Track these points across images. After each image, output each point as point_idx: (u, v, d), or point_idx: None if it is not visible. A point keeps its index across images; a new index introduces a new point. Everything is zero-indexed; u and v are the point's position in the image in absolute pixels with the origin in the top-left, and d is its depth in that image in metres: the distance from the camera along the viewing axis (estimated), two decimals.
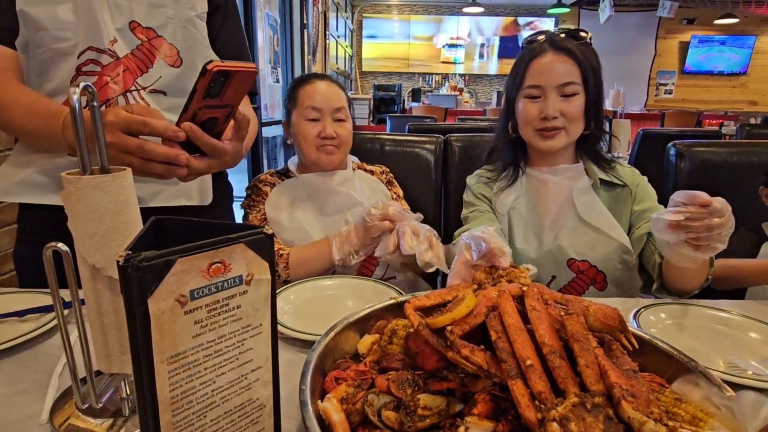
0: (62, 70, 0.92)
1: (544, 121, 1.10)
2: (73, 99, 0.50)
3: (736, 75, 9.32)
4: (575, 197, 1.14)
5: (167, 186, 1.01)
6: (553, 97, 1.10)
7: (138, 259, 0.37)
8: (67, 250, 0.52)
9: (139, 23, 0.96)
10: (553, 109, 1.09)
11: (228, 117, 0.74)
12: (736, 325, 0.86)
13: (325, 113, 1.26)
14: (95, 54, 0.93)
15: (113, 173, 0.53)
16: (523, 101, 1.14)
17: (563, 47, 1.11)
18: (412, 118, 4.63)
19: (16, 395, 0.65)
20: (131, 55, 0.96)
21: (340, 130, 1.27)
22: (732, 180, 1.38)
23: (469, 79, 9.76)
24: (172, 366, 0.40)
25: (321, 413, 0.50)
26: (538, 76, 1.11)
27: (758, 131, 3.08)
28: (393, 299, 0.73)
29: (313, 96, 1.26)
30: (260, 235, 0.44)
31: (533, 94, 1.12)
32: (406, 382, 0.53)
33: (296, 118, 1.28)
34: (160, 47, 0.98)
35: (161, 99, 0.99)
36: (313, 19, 5.61)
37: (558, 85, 1.09)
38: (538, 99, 1.11)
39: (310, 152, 1.27)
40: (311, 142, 1.26)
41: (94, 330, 0.55)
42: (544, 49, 1.12)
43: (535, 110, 1.11)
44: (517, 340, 0.50)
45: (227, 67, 0.64)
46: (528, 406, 0.45)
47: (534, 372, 0.47)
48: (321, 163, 1.27)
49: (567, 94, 1.10)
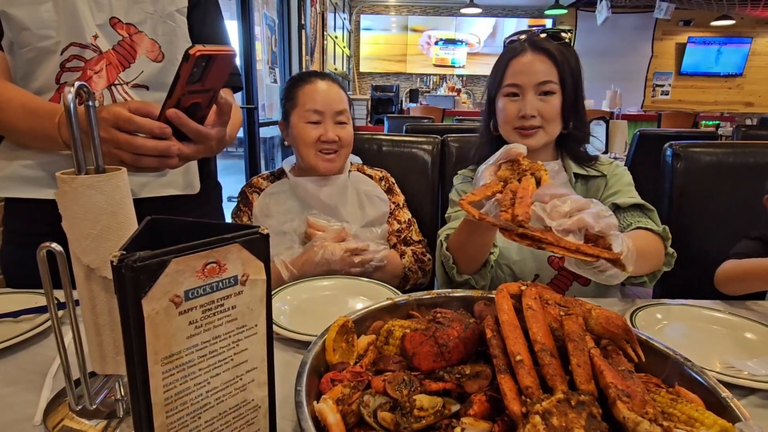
0: (47, 68, 0.93)
1: (522, 119, 1.12)
2: (68, 98, 0.50)
3: (733, 76, 9.36)
4: None
5: (154, 177, 1.02)
6: (530, 96, 1.11)
7: (132, 259, 0.37)
8: (61, 251, 0.51)
9: (119, 19, 0.96)
10: (531, 107, 1.10)
11: (210, 102, 0.76)
12: (733, 326, 0.86)
13: (326, 116, 1.22)
14: (78, 49, 0.93)
15: (108, 173, 0.53)
16: (503, 100, 1.15)
17: (542, 47, 1.12)
18: (409, 118, 4.63)
19: (9, 396, 0.65)
20: (113, 51, 0.96)
21: (342, 132, 1.24)
22: (728, 181, 1.38)
23: (466, 79, 9.77)
24: (166, 367, 0.40)
25: (317, 414, 0.49)
26: (517, 75, 1.12)
27: (754, 132, 3.09)
28: (389, 300, 0.73)
29: (314, 97, 1.22)
30: (256, 236, 0.44)
31: (512, 92, 1.13)
32: (402, 383, 0.53)
33: (296, 120, 1.24)
34: (141, 42, 0.98)
35: (144, 93, 0.99)
36: (311, 20, 5.61)
37: (536, 84, 1.11)
38: (517, 98, 1.13)
39: (308, 156, 1.23)
40: (311, 146, 1.22)
41: (89, 331, 0.55)
42: (524, 48, 1.13)
43: (514, 109, 1.13)
44: (509, 336, 0.51)
45: (209, 51, 0.66)
46: (514, 399, 0.46)
47: (523, 367, 0.48)
48: (319, 168, 1.23)
49: (544, 92, 1.11)
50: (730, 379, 0.67)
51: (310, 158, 1.23)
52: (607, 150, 3.78)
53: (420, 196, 1.47)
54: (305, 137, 1.22)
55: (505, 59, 1.15)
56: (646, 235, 1.01)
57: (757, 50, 9.19)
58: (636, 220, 1.05)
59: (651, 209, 1.09)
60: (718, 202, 1.38)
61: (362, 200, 1.29)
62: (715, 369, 0.71)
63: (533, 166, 0.79)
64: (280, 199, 1.26)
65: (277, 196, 1.27)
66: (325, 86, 1.24)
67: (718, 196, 1.38)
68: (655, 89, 9.51)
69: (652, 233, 1.01)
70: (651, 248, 0.99)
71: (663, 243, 1.02)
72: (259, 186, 1.30)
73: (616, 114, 6.17)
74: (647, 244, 0.99)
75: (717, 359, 0.76)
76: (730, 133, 4.09)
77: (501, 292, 0.57)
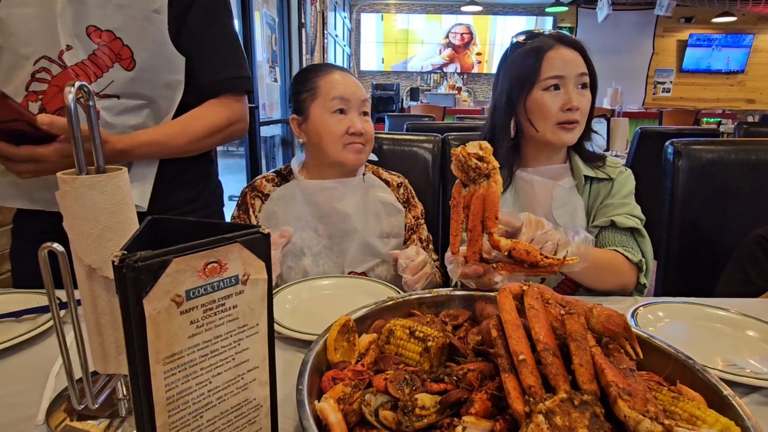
0: (21, 74, 0.93)
1: (568, 112, 1.08)
2: (69, 98, 0.50)
3: (734, 73, 9.34)
4: (554, 195, 1.14)
5: None
6: (572, 88, 1.09)
7: (133, 259, 0.37)
8: (62, 251, 0.51)
9: (96, 26, 0.94)
10: (576, 98, 1.08)
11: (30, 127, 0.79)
12: (735, 324, 0.86)
13: (352, 105, 1.12)
14: (47, 63, 0.93)
15: (109, 173, 0.53)
16: (541, 94, 1.10)
17: (571, 42, 1.11)
18: (410, 117, 4.63)
19: (12, 396, 0.65)
20: (87, 61, 0.94)
21: (366, 126, 1.14)
22: (730, 178, 1.38)
23: (467, 78, 9.76)
24: (168, 366, 0.40)
25: (318, 413, 0.49)
26: (558, 67, 1.08)
27: (756, 129, 3.09)
28: (390, 299, 0.73)
29: (338, 86, 1.12)
30: (257, 235, 0.44)
31: (554, 83, 1.09)
32: (404, 382, 0.53)
33: (317, 111, 1.12)
34: (117, 51, 0.96)
35: (114, 103, 0.97)
36: (311, 19, 5.61)
37: (578, 74, 1.09)
38: (558, 91, 1.09)
39: (336, 151, 1.12)
40: (338, 139, 1.11)
41: (91, 330, 0.55)
42: (553, 43, 1.10)
43: (556, 102, 1.08)
44: (512, 335, 0.51)
45: None
46: (517, 399, 0.46)
47: (526, 366, 0.48)
48: (348, 162, 1.13)
49: (583, 84, 1.10)
50: (732, 377, 0.67)
51: (337, 153, 1.12)
52: (609, 148, 3.77)
53: (420, 196, 1.46)
54: (331, 129, 1.11)
55: (536, 54, 1.10)
56: (615, 257, 1.03)
57: (758, 47, 9.16)
58: (620, 242, 1.06)
59: (644, 236, 1.09)
60: (720, 199, 1.38)
61: (378, 210, 1.19)
62: (717, 367, 0.71)
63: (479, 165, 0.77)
64: (288, 204, 1.16)
65: (284, 202, 1.17)
66: (345, 76, 1.16)
67: (720, 194, 1.38)
68: (656, 87, 9.49)
69: (626, 260, 1.02)
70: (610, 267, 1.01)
71: (636, 272, 1.03)
72: (262, 189, 1.20)
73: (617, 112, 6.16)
74: (610, 262, 1.01)
75: (719, 357, 0.75)
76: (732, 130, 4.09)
77: (503, 291, 0.58)
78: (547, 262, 0.73)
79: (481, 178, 0.76)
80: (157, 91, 1.00)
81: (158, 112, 1.02)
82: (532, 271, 0.75)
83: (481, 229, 0.77)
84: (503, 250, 0.74)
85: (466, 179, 0.78)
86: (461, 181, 0.78)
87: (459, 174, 0.78)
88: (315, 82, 1.15)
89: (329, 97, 1.12)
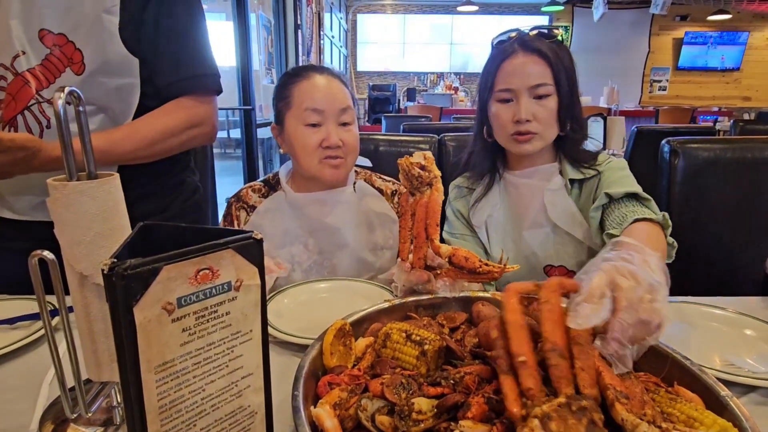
0: None
1: (518, 124, 1.05)
2: (59, 104, 0.50)
3: (730, 71, 9.36)
4: (546, 199, 1.11)
5: None
6: (525, 100, 1.04)
7: (123, 267, 0.36)
8: (53, 259, 0.51)
9: (49, 30, 0.91)
10: (525, 112, 1.04)
11: None
12: (732, 323, 0.86)
13: (327, 116, 1.04)
14: (2, 70, 0.91)
15: (100, 179, 0.53)
16: (496, 105, 1.09)
17: (534, 47, 1.05)
18: (407, 117, 4.62)
19: (5, 404, 0.64)
20: (39, 66, 0.92)
21: (346, 136, 1.06)
22: (726, 176, 1.38)
23: (464, 78, 9.76)
24: (159, 375, 0.40)
25: (314, 419, 0.49)
26: (509, 79, 1.06)
27: (752, 127, 3.10)
28: (387, 302, 0.73)
29: (312, 95, 1.04)
30: (249, 241, 0.43)
31: (505, 97, 1.07)
32: (401, 386, 0.53)
33: (292, 123, 1.06)
34: (70, 55, 0.93)
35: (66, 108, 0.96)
36: (307, 20, 5.60)
37: (530, 87, 1.04)
38: (511, 102, 1.07)
39: (310, 165, 1.06)
40: (312, 153, 1.05)
41: (83, 338, 0.54)
42: (514, 49, 1.06)
43: (508, 114, 1.06)
44: (514, 336, 0.50)
45: None
46: (515, 401, 0.45)
47: (525, 369, 0.47)
48: (324, 178, 1.07)
49: (539, 95, 1.05)
50: (729, 376, 0.67)
51: (313, 167, 1.06)
52: (605, 147, 3.78)
53: None
54: (304, 143, 1.05)
55: (495, 62, 1.08)
56: (647, 228, 0.90)
57: (754, 44, 9.19)
58: (631, 211, 0.95)
59: (647, 198, 1.00)
60: (716, 197, 1.38)
61: (371, 221, 1.14)
62: (714, 366, 0.70)
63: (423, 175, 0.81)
64: (276, 218, 1.11)
65: (272, 215, 1.11)
66: (325, 81, 1.07)
67: (716, 192, 1.38)
68: (652, 85, 9.52)
69: (652, 222, 0.91)
70: (655, 240, 0.88)
71: (663, 231, 0.93)
72: (248, 200, 1.15)
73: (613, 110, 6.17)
74: (649, 237, 0.88)
75: (716, 356, 0.75)
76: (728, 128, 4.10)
77: (508, 291, 0.55)
78: (486, 269, 0.76)
79: (424, 186, 0.81)
80: (108, 96, 0.97)
81: (114, 118, 0.98)
82: (472, 277, 0.78)
83: (425, 235, 0.80)
84: (443, 257, 0.78)
85: (410, 188, 0.83)
86: (408, 190, 0.84)
87: (405, 183, 0.83)
88: (290, 90, 1.08)
89: (302, 108, 1.05)
